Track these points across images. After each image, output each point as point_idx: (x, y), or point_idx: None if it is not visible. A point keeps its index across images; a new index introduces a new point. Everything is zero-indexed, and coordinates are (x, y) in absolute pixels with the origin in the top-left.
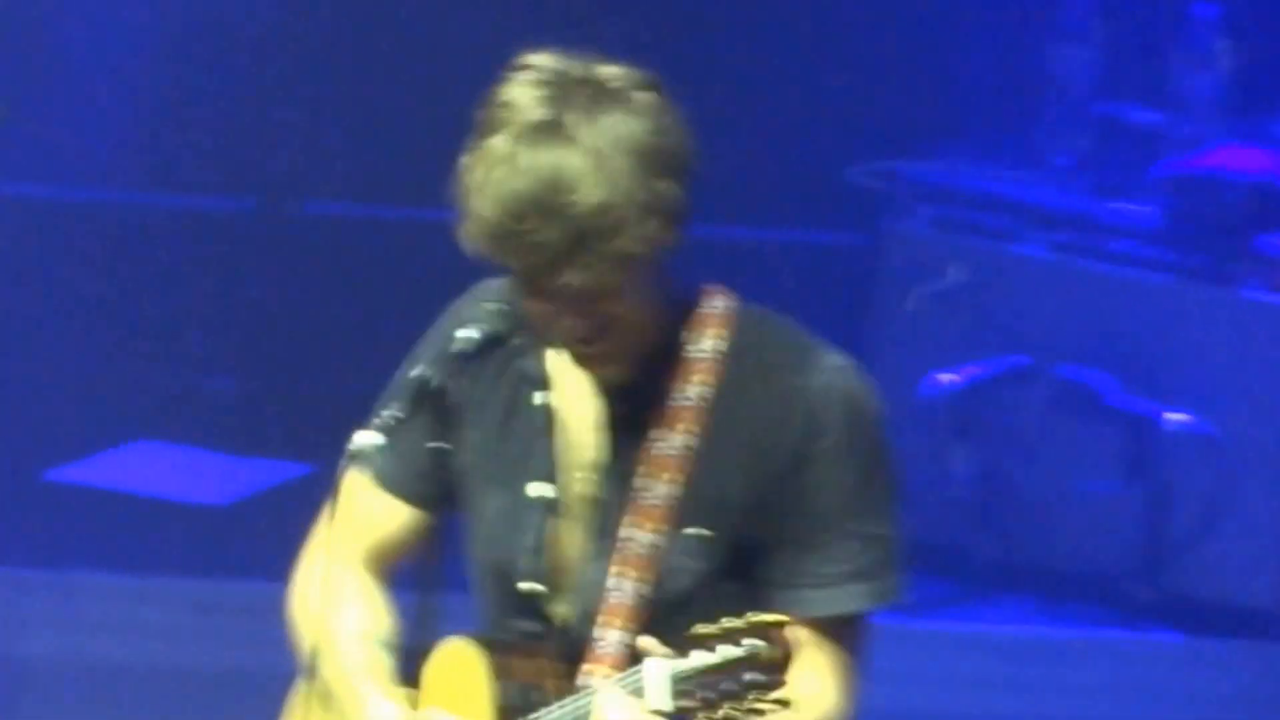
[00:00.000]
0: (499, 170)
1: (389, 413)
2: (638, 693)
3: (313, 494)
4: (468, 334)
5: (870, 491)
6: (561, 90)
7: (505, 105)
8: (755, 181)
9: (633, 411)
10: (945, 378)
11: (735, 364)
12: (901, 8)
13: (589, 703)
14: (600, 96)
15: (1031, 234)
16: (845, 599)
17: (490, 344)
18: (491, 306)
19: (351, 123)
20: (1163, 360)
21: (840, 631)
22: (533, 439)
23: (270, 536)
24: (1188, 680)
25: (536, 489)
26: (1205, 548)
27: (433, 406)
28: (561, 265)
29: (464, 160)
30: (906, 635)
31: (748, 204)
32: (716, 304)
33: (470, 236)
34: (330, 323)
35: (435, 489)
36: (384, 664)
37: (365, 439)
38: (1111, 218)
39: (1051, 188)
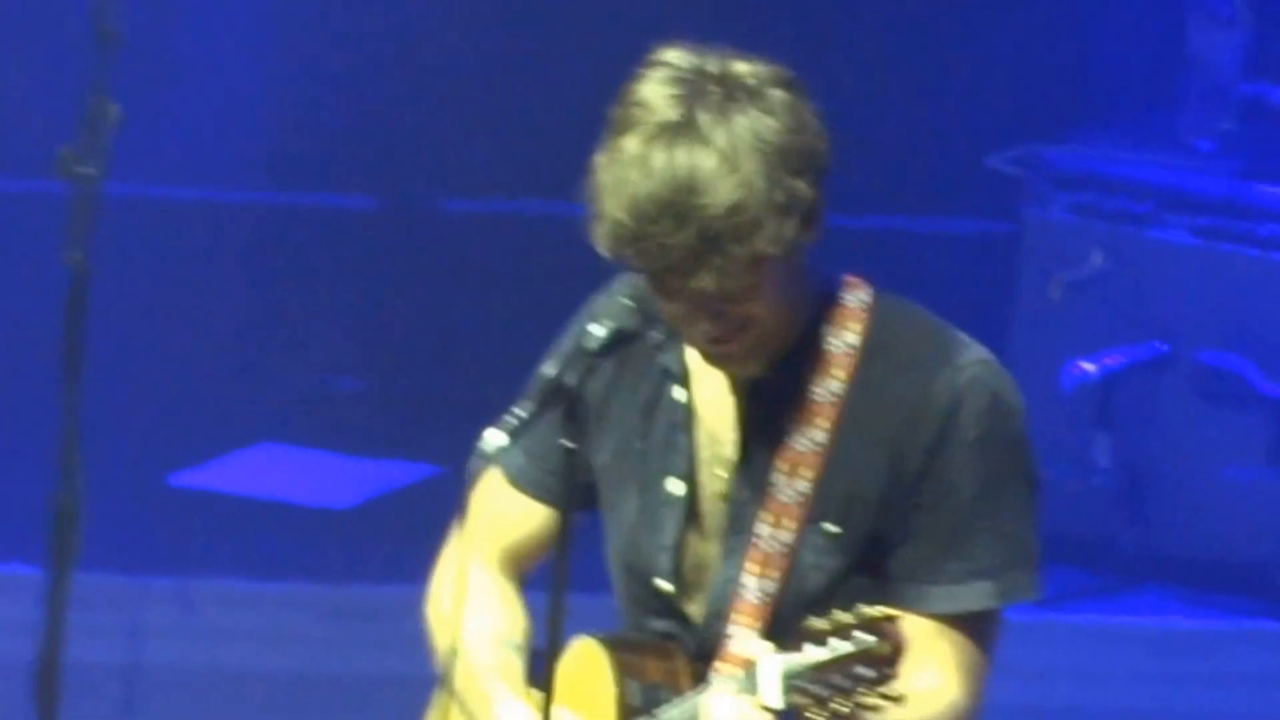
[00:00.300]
0: (631, 171)
1: (518, 412)
2: (751, 690)
3: (442, 495)
4: (597, 330)
5: (1005, 488)
6: (694, 88)
7: (638, 104)
8: (896, 170)
9: (770, 407)
10: (1086, 366)
11: (873, 358)
12: None
13: (695, 704)
14: (734, 94)
15: (1174, 219)
16: (971, 596)
17: (620, 340)
18: (624, 302)
19: (484, 118)
20: None
21: (967, 626)
22: (671, 435)
23: (399, 539)
24: None
25: (673, 486)
26: None
27: (565, 404)
28: (694, 268)
29: (596, 159)
30: (1051, 628)
31: (888, 193)
32: (855, 296)
33: (601, 237)
34: (462, 322)
35: (569, 487)
36: (515, 666)
37: (494, 439)
38: (1256, 201)
39: (1194, 172)
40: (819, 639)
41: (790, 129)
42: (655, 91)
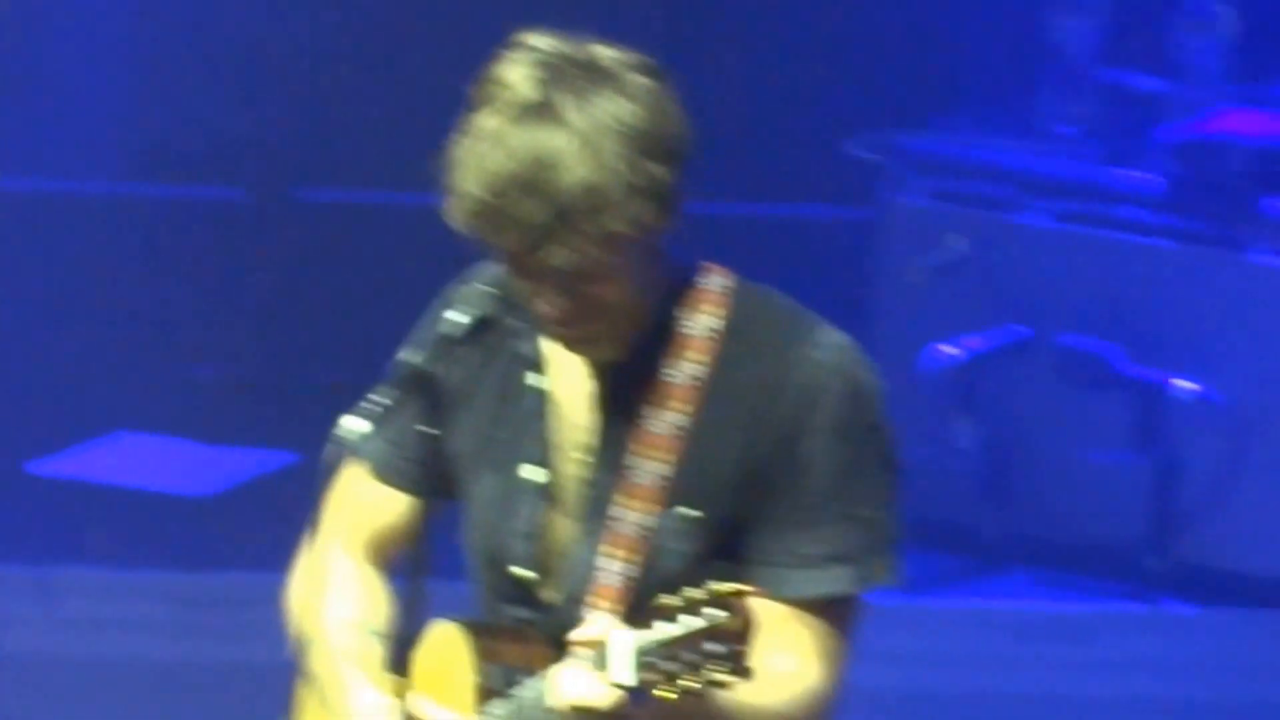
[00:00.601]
0: (487, 148)
1: (377, 399)
2: (602, 667)
3: (301, 482)
4: (456, 317)
5: (864, 473)
6: (555, 71)
7: (497, 83)
8: (755, 157)
9: (626, 391)
10: (947, 350)
11: (731, 342)
12: None
13: (547, 682)
14: (594, 78)
15: (1034, 203)
16: (827, 580)
17: (480, 327)
18: (482, 289)
19: (342, 109)
20: (1169, 327)
21: (826, 611)
22: (526, 421)
23: (258, 527)
24: (1201, 652)
25: (529, 472)
26: (1216, 517)
27: (424, 392)
28: (547, 244)
29: (454, 138)
30: (913, 612)
31: (746, 179)
32: (713, 281)
33: (457, 214)
34: (319, 310)
35: (430, 475)
36: (374, 653)
37: (352, 426)
38: (1116, 185)
39: (1054, 156)
40: (670, 616)
41: (650, 114)
42: (516, 72)
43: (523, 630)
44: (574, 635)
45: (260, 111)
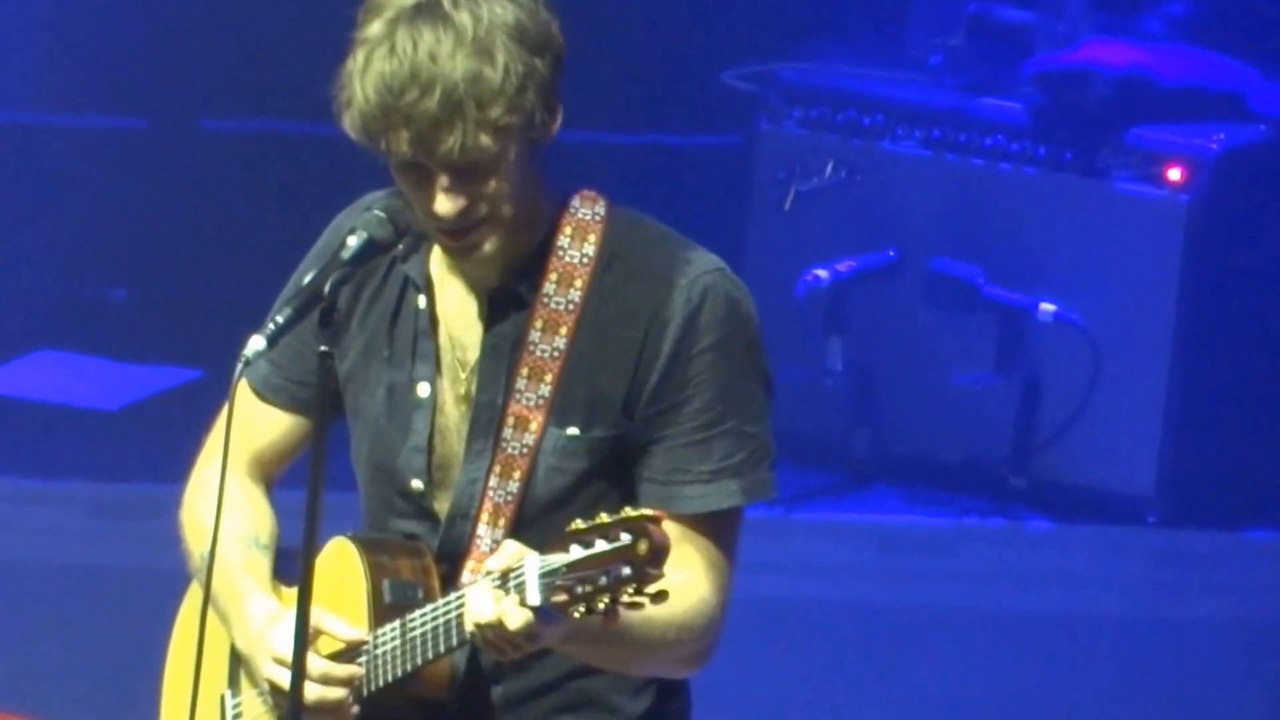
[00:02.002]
0: (377, 52)
1: (277, 318)
2: (507, 588)
3: (204, 398)
4: (352, 240)
5: (744, 390)
6: None
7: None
8: (631, 86)
9: (510, 315)
10: (819, 273)
11: (609, 268)
12: None
13: (456, 606)
14: None
15: (903, 131)
16: (718, 496)
17: (373, 249)
18: (375, 214)
19: (243, 40)
20: (1034, 252)
21: (712, 526)
22: (415, 341)
23: (161, 440)
24: (1059, 565)
25: (421, 390)
26: (1074, 436)
27: (319, 313)
28: (439, 134)
29: (347, 53)
30: (785, 526)
31: (624, 108)
32: (590, 209)
33: (352, 122)
34: (222, 234)
35: (318, 395)
36: (262, 564)
37: (255, 344)
38: (981, 113)
39: (922, 86)
40: (583, 540)
41: (529, 12)
42: None
43: (414, 546)
44: (487, 563)
45: (164, 42)
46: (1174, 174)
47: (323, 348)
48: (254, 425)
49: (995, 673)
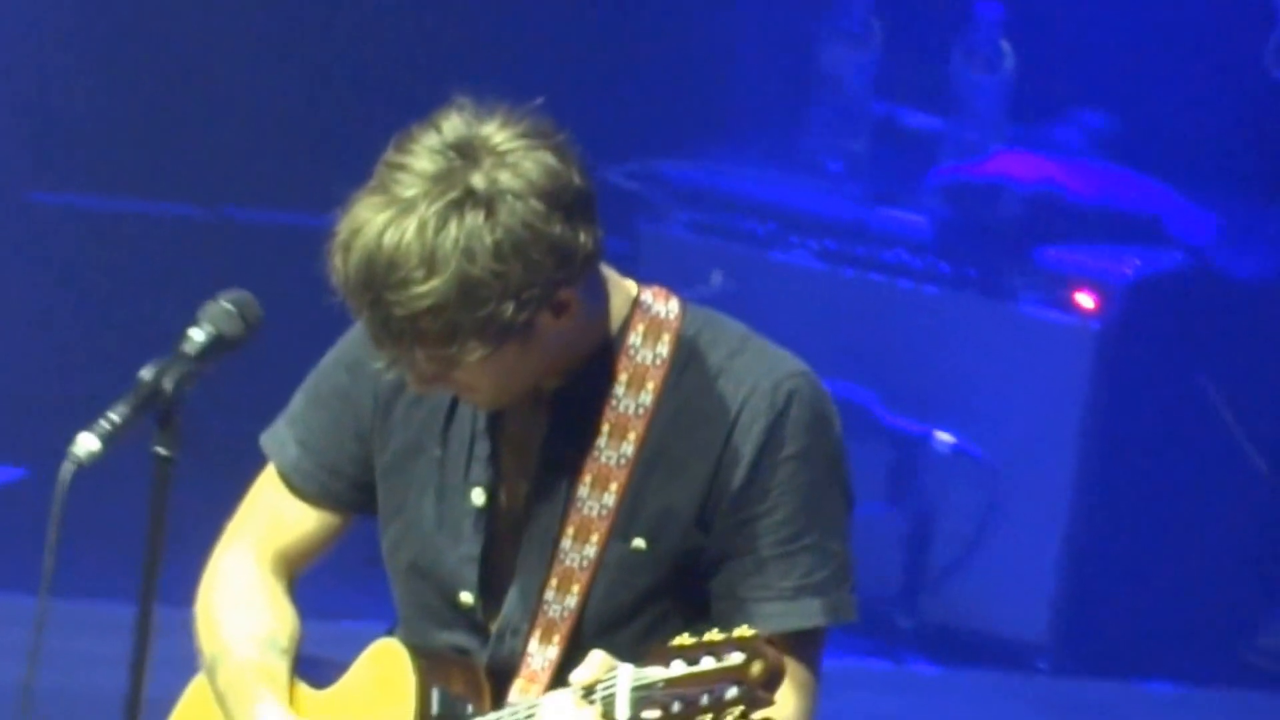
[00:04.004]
0: (350, 233)
1: (112, 415)
2: (606, 701)
3: (27, 499)
4: (196, 335)
5: (827, 502)
6: (445, 173)
7: (389, 165)
8: None
9: (574, 419)
10: None
11: (684, 370)
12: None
13: (524, 715)
14: (473, 197)
15: (797, 240)
16: (800, 615)
17: (220, 345)
18: (223, 306)
19: (75, 113)
20: (933, 377)
21: (796, 647)
22: (473, 443)
23: None
24: (944, 713)
25: (476, 496)
26: (965, 576)
27: (161, 413)
28: (383, 349)
29: (347, 206)
30: None
31: None
32: (663, 306)
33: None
34: (49, 321)
35: (349, 490)
36: (280, 670)
37: (86, 443)
38: (884, 225)
39: (820, 193)
40: (687, 656)
41: (512, 248)
42: (410, 160)
43: (466, 660)
44: (573, 675)
45: None
46: (1085, 300)
47: (160, 450)
48: (279, 516)
49: None
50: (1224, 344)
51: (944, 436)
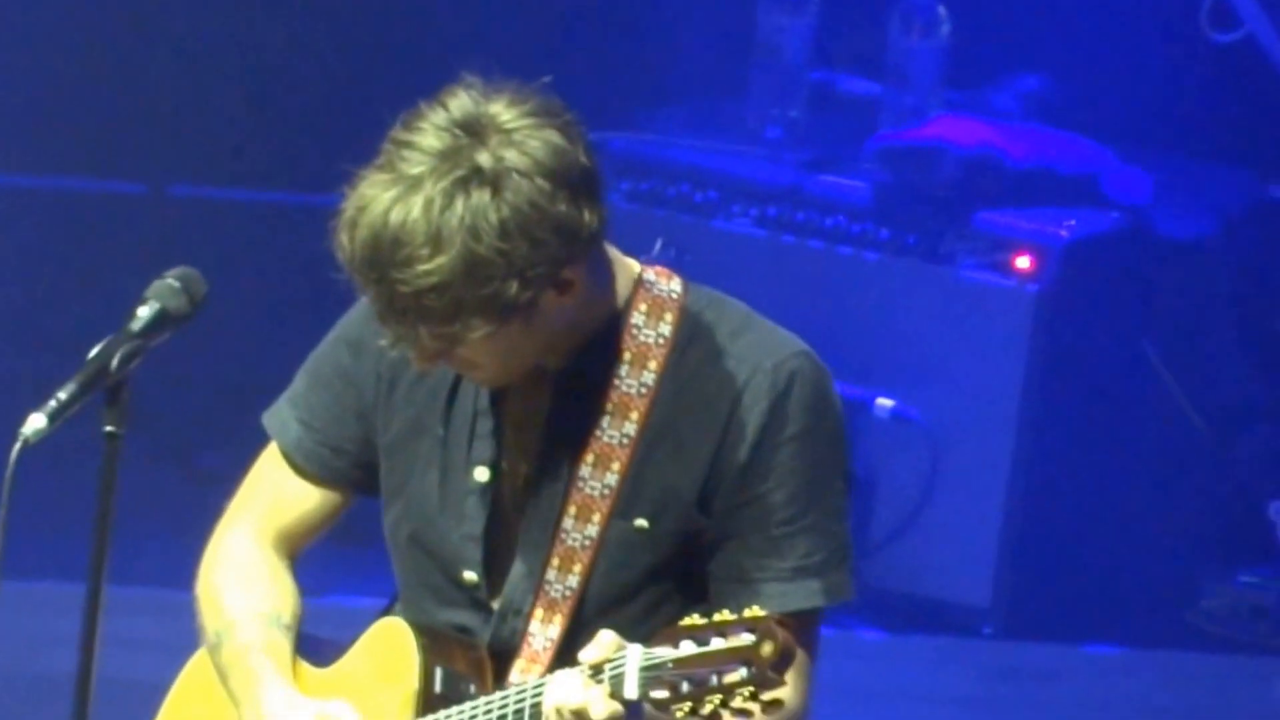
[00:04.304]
0: (356, 210)
1: (60, 394)
2: (615, 681)
3: None
4: (143, 311)
5: (828, 483)
6: (451, 150)
7: (396, 143)
8: None
9: (576, 398)
10: None
11: (687, 349)
12: None
13: (531, 694)
14: (479, 174)
15: (739, 208)
16: (798, 595)
17: (165, 321)
18: (169, 282)
19: (16, 94)
20: (873, 342)
21: (793, 629)
22: (474, 421)
23: None
24: (890, 678)
25: (479, 474)
26: (910, 541)
27: (110, 390)
28: (392, 321)
29: (352, 183)
30: None
31: None
32: (665, 284)
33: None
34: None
35: (351, 468)
36: (283, 647)
37: (36, 422)
38: (823, 192)
39: (759, 160)
40: (697, 636)
41: (517, 226)
42: (418, 138)
43: (468, 639)
44: (581, 654)
45: None
46: (1022, 262)
47: (108, 428)
48: (281, 494)
49: None
50: (1162, 304)
51: (884, 402)
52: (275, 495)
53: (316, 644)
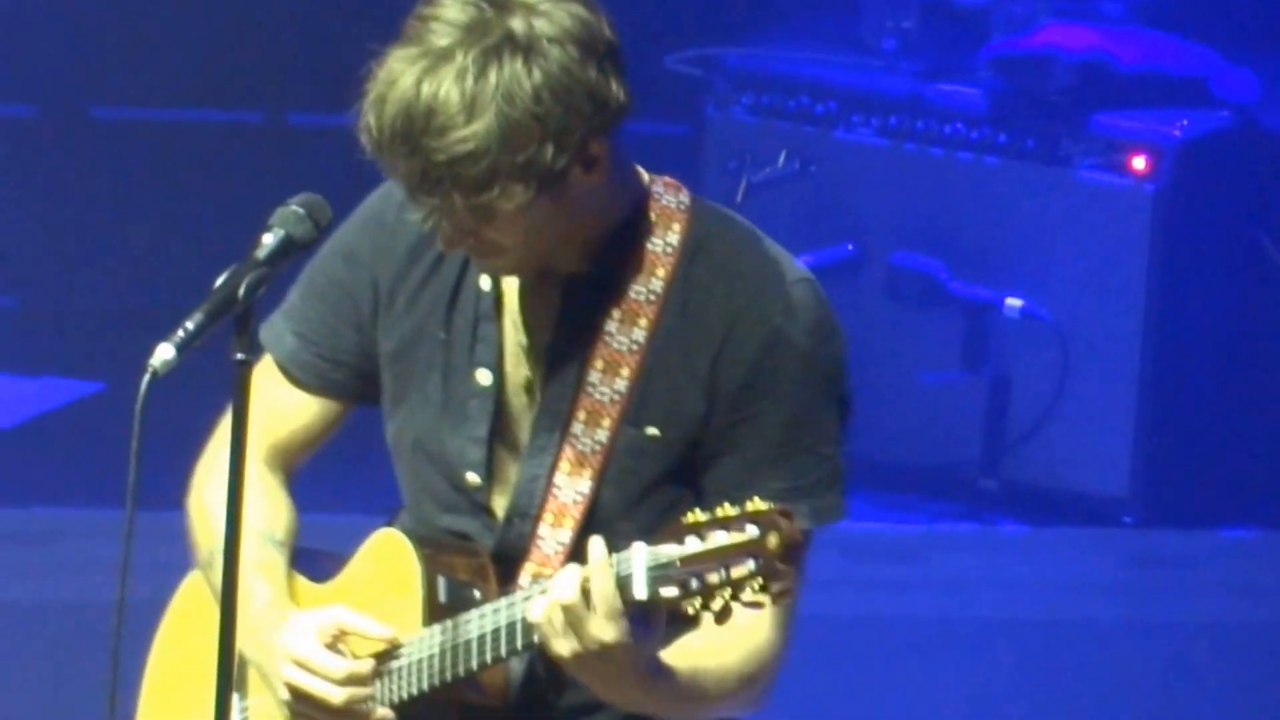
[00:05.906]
0: (385, 86)
1: (188, 324)
2: (623, 582)
3: (106, 413)
4: (268, 238)
5: (825, 407)
6: (478, 22)
7: (421, 18)
8: None
9: (586, 303)
10: None
11: (694, 260)
12: None
13: (544, 589)
14: (512, 41)
15: (858, 119)
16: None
17: (291, 248)
18: (294, 209)
19: (133, 26)
20: (997, 244)
21: None
22: (476, 324)
23: (60, 459)
24: (1033, 570)
25: (482, 376)
26: (1045, 435)
27: (237, 318)
28: (425, 194)
29: (376, 62)
30: None
31: None
32: (675, 197)
33: (361, 136)
34: (119, 232)
35: (350, 379)
36: (278, 563)
37: (165, 353)
38: (940, 100)
39: (877, 71)
40: (700, 533)
41: (551, 92)
42: (443, 12)
43: (470, 545)
44: (528, 558)
45: (53, 28)
46: (1138, 162)
47: (238, 355)
48: (277, 408)
49: (969, 682)
50: (1275, 197)
51: (1013, 301)
52: (270, 409)
53: (314, 558)
